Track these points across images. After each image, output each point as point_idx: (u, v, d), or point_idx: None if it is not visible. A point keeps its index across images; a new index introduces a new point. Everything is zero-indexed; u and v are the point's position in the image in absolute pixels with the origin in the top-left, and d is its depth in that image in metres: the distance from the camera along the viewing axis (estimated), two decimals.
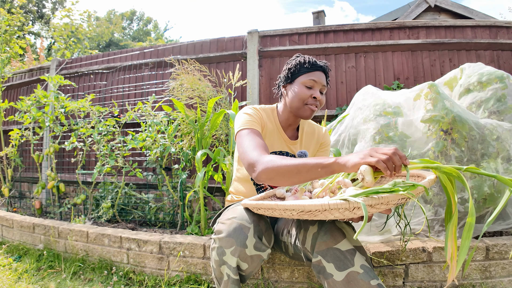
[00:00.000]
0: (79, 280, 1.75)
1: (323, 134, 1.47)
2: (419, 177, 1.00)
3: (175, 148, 2.32)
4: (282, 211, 0.84)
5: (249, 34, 3.29)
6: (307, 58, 1.30)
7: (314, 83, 1.27)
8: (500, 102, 1.73)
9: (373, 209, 0.78)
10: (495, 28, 3.06)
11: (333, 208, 0.75)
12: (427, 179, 0.82)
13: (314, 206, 0.77)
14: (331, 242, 0.98)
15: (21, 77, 4.51)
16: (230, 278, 1.02)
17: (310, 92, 1.27)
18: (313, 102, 1.27)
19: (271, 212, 0.90)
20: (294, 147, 1.38)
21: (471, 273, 1.43)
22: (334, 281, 0.95)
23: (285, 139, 1.37)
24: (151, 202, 2.72)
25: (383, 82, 3.10)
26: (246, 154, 1.09)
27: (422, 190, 0.80)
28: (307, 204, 0.78)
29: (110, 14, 21.35)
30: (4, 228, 2.44)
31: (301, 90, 1.27)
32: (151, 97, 2.50)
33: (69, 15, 7.94)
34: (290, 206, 0.82)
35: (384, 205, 0.77)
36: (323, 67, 1.30)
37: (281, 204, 0.84)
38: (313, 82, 1.27)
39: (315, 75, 1.27)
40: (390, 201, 0.77)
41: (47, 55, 10.48)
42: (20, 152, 3.52)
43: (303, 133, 1.42)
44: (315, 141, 1.44)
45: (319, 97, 1.27)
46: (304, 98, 1.27)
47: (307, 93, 1.26)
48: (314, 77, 1.27)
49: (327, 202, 0.75)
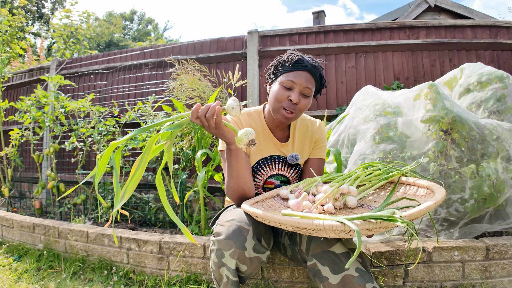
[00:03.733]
0: (79, 280, 1.75)
1: (317, 128, 1.35)
2: (428, 189, 1.00)
3: (175, 148, 2.32)
4: (278, 224, 0.84)
5: (249, 34, 3.29)
6: (293, 55, 1.19)
7: (293, 84, 1.16)
8: (500, 102, 1.73)
9: (370, 232, 0.77)
10: (495, 28, 3.06)
11: (328, 229, 0.75)
12: (432, 202, 0.83)
13: (309, 225, 0.77)
14: (326, 245, 0.98)
15: (21, 77, 4.51)
16: (230, 280, 1.02)
17: (288, 94, 1.16)
18: (289, 105, 1.16)
19: (267, 222, 0.89)
20: (285, 149, 1.31)
21: (471, 273, 1.43)
22: (330, 284, 0.94)
23: (274, 142, 1.29)
24: (151, 202, 2.72)
25: (383, 82, 3.10)
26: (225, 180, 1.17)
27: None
28: (302, 222, 0.78)
29: (109, 15, 21.36)
30: (4, 228, 2.44)
31: (279, 91, 1.17)
32: (151, 97, 2.50)
33: (69, 15, 7.94)
34: (285, 221, 0.81)
35: (382, 229, 0.77)
36: (308, 67, 1.17)
37: (277, 217, 0.83)
38: (292, 83, 1.16)
39: (296, 75, 1.16)
40: (389, 225, 0.76)
41: (47, 55, 10.48)
42: (20, 152, 3.52)
43: (295, 132, 1.32)
44: (308, 138, 1.34)
45: (296, 100, 1.15)
46: (280, 99, 1.17)
47: (284, 95, 1.16)
48: (294, 77, 1.16)
49: (322, 223, 0.75)
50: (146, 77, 3.57)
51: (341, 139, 2.00)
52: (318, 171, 1.34)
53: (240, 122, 1.26)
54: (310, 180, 1.22)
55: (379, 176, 1.15)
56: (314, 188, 1.13)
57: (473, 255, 1.44)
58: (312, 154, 1.36)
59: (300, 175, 1.38)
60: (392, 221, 0.74)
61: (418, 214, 0.78)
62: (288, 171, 1.33)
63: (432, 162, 1.65)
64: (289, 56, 1.20)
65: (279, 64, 1.22)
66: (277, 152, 1.30)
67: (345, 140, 1.98)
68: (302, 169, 1.38)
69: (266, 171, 1.31)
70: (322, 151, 1.37)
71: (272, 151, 1.30)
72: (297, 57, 1.18)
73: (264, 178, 1.32)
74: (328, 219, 0.76)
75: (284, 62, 1.20)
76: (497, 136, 1.62)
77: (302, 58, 1.19)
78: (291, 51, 1.24)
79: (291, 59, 1.18)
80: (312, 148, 1.36)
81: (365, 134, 1.81)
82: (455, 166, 1.60)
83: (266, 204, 1.14)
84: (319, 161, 1.36)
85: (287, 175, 1.34)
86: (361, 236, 0.69)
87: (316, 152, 1.36)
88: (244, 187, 1.11)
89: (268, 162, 1.30)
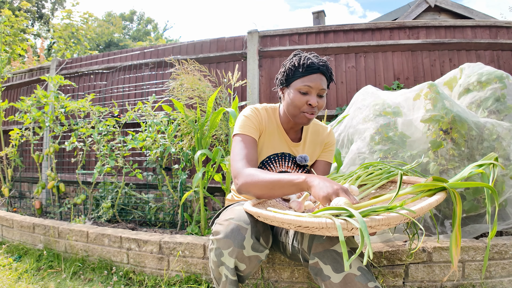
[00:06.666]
0: (79, 280, 1.75)
1: (328, 134, 1.41)
2: (430, 190, 1.00)
3: (175, 148, 2.32)
4: (280, 223, 0.84)
5: (249, 34, 3.29)
6: (303, 59, 1.19)
7: (310, 89, 1.17)
8: (499, 101, 1.73)
9: (372, 229, 0.77)
10: (495, 28, 3.06)
11: (331, 227, 0.74)
12: (435, 199, 0.83)
13: (312, 223, 0.76)
14: (328, 243, 0.98)
15: (21, 77, 4.51)
16: (228, 279, 1.02)
17: (306, 99, 1.18)
18: (309, 109, 1.19)
19: (270, 221, 0.89)
20: (296, 149, 1.35)
21: (471, 273, 1.43)
22: (332, 283, 0.94)
23: (287, 140, 1.34)
24: (151, 202, 2.72)
25: (383, 82, 3.10)
26: (232, 164, 1.16)
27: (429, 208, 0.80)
28: (304, 221, 0.77)
29: (108, 15, 21.35)
30: (4, 228, 2.44)
31: (296, 97, 1.19)
32: (151, 97, 2.50)
33: (70, 16, 7.95)
34: (288, 220, 0.81)
35: (385, 226, 0.76)
36: (320, 69, 1.18)
37: (279, 217, 0.83)
38: (308, 88, 1.17)
39: (311, 79, 1.17)
40: (392, 222, 0.75)
41: (47, 55, 10.49)
42: (20, 152, 3.52)
43: (307, 134, 1.37)
44: (319, 142, 1.39)
45: (315, 104, 1.17)
46: (299, 105, 1.19)
47: (302, 100, 1.18)
48: (310, 82, 1.17)
49: (325, 221, 0.75)
50: (146, 77, 3.57)
51: (340, 139, 2.00)
52: (323, 173, 1.38)
53: (260, 116, 1.29)
54: None
55: (380, 176, 1.16)
56: None
57: (473, 255, 1.44)
58: (320, 157, 1.41)
59: None
60: (393, 210, 0.74)
61: (420, 212, 0.78)
62: (296, 170, 1.36)
63: (432, 162, 1.65)
64: (299, 60, 1.20)
65: (290, 70, 1.22)
66: (288, 150, 1.34)
67: (345, 140, 1.98)
68: (309, 171, 1.41)
69: (276, 166, 1.34)
70: (330, 155, 1.41)
71: (283, 149, 1.33)
72: (308, 61, 1.18)
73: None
74: (329, 217, 0.76)
75: (296, 67, 1.20)
76: (497, 136, 1.62)
77: (313, 61, 1.18)
78: (297, 52, 1.25)
79: (303, 64, 1.18)
80: (321, 151, 1.41)
81: (363, 134, 1.81)
82: (455, 166, 1.60)
83: (268, 204, 1.14)
84: (326, 164, 1.41)
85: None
86: (364, 234, 0.69)
87: (324, 155, 1.40)
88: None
89: (278, 158, 1.33)
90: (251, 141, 1.22)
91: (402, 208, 0.76)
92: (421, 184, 0.90)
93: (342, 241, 0.69)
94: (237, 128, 1.25)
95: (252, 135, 1.23)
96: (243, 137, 1.22)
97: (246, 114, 1.27)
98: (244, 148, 1.18)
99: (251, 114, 1.27)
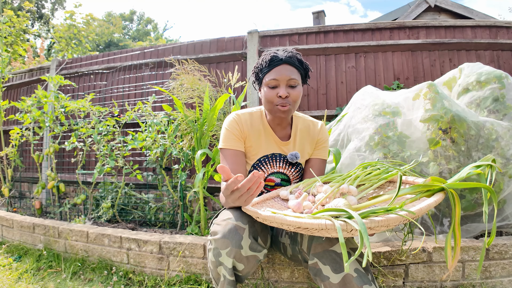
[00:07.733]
0: (79, 280, 1.75)
1: (319, 130, 1.37)
2: (428, 191, 1.00)
3: (175, 148, 2.33)
4: (279, 224, 0.84)
5: (249, 34, 3.29)
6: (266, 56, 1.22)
7: (277, 82, 1.18)
8: (498, 101, 1.73)
9: (372, 231, 0.77)
10: (495, 28, 3.06)
11: (330, 228, 0.74)
12: (433, 200, 0.83)
13: (312, 224, 0.76)
14: (327, 244, 0.98)
15: (21, 77, 4.51)
16: (226, 279, 1.02)
17: (275, 92, 1.19)
18: (280, 101, 1.19)
19: (269, 222, 0.88)
20: (286, 148, 1.33)
21: (471, 273, 1.44)
22: (331, 283, 0.95)
23: (276, 140, 1.32)
24: (151, 202, 2.72)
25: (383, 82, 3.10)
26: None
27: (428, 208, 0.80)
28: (304, 222, 0.77)
29: (108, 15, 21.35)
30: (4, 228, 2.44)
31: (267, 92, 1.21)
32: (151, 97, 2.50)
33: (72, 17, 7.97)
34: (287, 221, 0.81)
35: (384, 228, 0.76)
36: (284, 60, 1.18)
37: (278, 217, 0.83)
38: (275, 81, 1.18)
39: (276, 71, 1.18)
40: (391, 224, 0.75)
41: (47, 56, 10.49)
42: (20, 152, 3.52)
43: (297, 131, 1.35)
44: (310, 138, 1.36)
45: (285, 94, 1.17)
46: (271, 100, 1.20)
47: (273, 94, 1.19)
48: (275, 75, 1.18)
49: (325, 222, 0.74)
50: (146, 77, 3.57)
51: (340, 138, 2.00)
52: (319, 171, 1.36)
53: (241, 123, 1.29)
54: (310, 180, 1.23)
55: (378, 176, 1.16)
56: (314, 189, 1.13)
57: (473, 255, 1.44)
58: (314, 155, 1.38)
59: (301, 174, 1.39)
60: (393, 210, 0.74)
61: (419, 213, 0.78)
62: (289, 169, 1.35)
63: (431, 162, 1.65)
64: (263, 58, 1.23)
65: (257, 69, 1.26)
66: (278, 150, 1.33)
67: (344, 140, 1.98)
68: (304, 169, 1.39)
69: (267, 168, 1.33)
70: (324, 152, 1.39)
71: (273, 149, 1.32)
72: (271, 55, 1.21)
73: (265, 175, 1.34)
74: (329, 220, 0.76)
75: (261, 65, 1.24)
76: (496, 136, 1.62)
77: (276, 54, 1.21)
78: (264, 52, 1.28)
79: (266, 60, 1.21)
80: (313, 148, 1.38)
81: (361, 133, 1.81)
82: (454, 166, 1.60)
83: (266, 205, 1.14)
84: (321, 162, 1.38)
85: (287, 173, 1.36)
86: (364, 236, 0.69)
87: (317, 153, 1.38)
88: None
89: (269, 160, 1.32)
90: (233, 154, 1.25)
91: (401, 209, 0.76)
92: (420, 185, 0.90)
93: (342, 243, 0.69)
94: (221, 142, 1.29)
95: (234, 147, 1.26)
96: (226, 152, 1.26)
97: (227, 125, 1.29)
98: (227, 164, 1.24)
99: (231, 125, 1.28)
